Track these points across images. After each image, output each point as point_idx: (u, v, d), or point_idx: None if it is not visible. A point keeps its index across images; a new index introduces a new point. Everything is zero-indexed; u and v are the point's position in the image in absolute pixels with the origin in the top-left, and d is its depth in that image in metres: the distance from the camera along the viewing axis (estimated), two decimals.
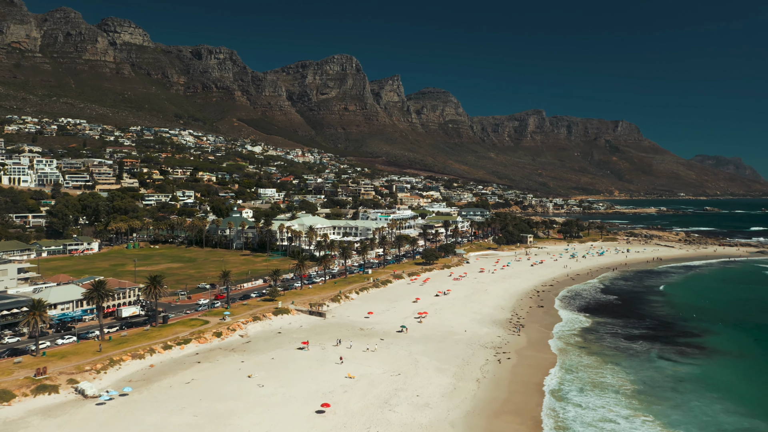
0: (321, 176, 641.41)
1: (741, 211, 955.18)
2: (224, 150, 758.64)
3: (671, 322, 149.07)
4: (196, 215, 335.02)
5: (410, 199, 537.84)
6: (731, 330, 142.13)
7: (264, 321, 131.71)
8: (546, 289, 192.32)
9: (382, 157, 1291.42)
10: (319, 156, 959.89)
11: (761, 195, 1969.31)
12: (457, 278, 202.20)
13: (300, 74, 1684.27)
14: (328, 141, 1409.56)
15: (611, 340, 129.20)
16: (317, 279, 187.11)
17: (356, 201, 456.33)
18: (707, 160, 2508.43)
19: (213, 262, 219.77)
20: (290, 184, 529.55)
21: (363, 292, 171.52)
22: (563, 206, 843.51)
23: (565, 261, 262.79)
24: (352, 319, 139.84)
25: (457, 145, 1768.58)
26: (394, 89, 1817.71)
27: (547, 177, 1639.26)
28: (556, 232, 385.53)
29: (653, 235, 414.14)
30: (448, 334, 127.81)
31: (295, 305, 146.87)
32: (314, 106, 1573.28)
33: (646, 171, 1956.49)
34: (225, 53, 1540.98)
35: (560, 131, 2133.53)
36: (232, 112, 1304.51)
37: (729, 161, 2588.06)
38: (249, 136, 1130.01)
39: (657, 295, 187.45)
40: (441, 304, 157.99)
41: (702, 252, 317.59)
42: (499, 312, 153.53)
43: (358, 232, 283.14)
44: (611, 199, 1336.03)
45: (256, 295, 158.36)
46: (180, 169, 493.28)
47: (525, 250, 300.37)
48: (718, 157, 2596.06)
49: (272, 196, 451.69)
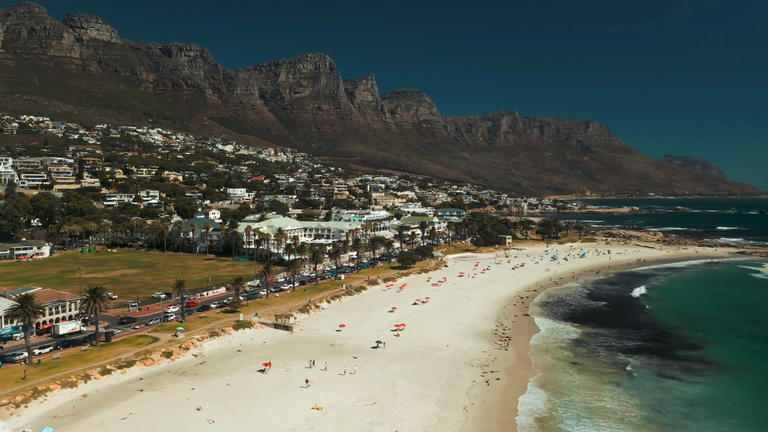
0: (293, 176, 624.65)
1: (713, 210, 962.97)
2: (194, 149, 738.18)
3: (665, 332, 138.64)
4: (160, 216, 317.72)
5: (385, 199, 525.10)
6: (730, 340, 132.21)
7: (222, 337, 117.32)
8: (530, 295, 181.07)
9: (356, 156, 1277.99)
10: (292, 155, 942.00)
11: (727, 194, 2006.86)
12: (435, 284, 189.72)
13: (273, 73, 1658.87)
14: (301, 140, 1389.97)
15: (605, 354, 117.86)
16: (285, 286, 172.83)
17: (329, 201, 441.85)
18: (675, 160, 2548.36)
19: (173, 267, 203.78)
20: (261, 184, 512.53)
21: (335, 300, 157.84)
22: (538, 206, 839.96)
23: (547, 263, 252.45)
24: (322, 332, 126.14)
25: (432, 145, 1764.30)
26: (368, 89, 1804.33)
27: (521, 177, 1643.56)
28: (534, 233, 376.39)
29: (631, 235, 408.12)
30: (428, 349, 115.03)
31: (259, 317, 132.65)
32: (287, 105, 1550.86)
33: (617, 171, 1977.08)
34: (196, 51, 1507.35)
35: (533, 131, 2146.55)
36: (203, 110, 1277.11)
37: (696, 161, 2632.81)
38: (220, 135, 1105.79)
39: (646, 300, 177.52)
40: (420, 314, 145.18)
41: (683, 253, 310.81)
42: (483, 322, 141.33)
43: (330, 234, 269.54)
44: (584, 198, 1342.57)
45: (216, 306, 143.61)
46: (145, 168, 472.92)
47: (504, 252, 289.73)
48: (686, 158, 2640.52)
49: (242, 196, 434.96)
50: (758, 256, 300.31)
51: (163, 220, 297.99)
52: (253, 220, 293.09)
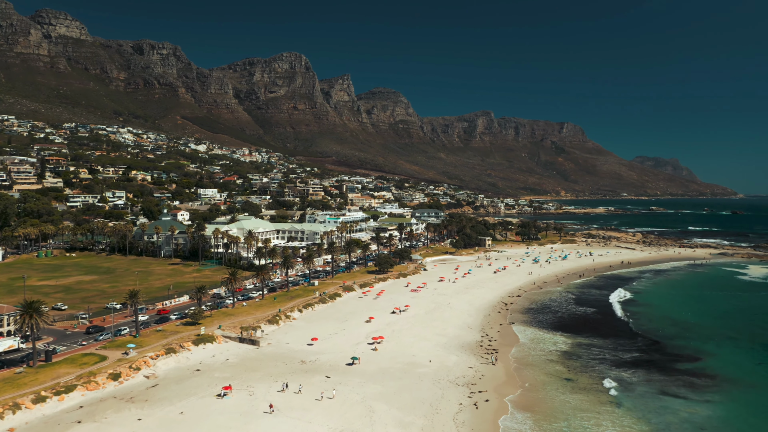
0: (268, 176, 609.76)
1: (686, 211, 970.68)
2: (166, 148, 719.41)
3: (658, 341, 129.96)
4: (125, 218, 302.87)
5: (361, 200, 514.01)
6: (728, 350, 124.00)
7: (180, 354, 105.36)
8: (514, 301, 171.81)
9: (333, 156, 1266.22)
10: (267, 155, 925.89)
11: (698, 195, 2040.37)
12: (415, 290, 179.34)
13: (248, 72, 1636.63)
14: (276, 140, 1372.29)
15: (599, 368, 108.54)
16: (254, 294, 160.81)
17: (304, 202, 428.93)
18: (647, 161, 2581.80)
19: (134, 273, 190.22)
20: (234, 184, 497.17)
21: (307, 309, 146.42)
22: (514, 206, 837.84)
23: (529, 266, 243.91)
24: (292, 347, 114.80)
25: (408, 146, 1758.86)
26: (345, 89, 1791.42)
27: (496, 177, 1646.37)
28: (514, 234, 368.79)
29: (611, 236, 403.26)
30: (409, 366, 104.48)
31: (223, 330, 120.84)
32: (262, 104, 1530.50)
33: (591, 171, 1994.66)
34: (168, 49, 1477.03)
35: (508, 132, 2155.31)
36: (175, 109, 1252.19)
37: (667, 162, 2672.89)
38: (193, 134, 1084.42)
39: (635, 306, 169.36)
40: (399, 324, 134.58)
41: (665, 254, 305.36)
42: (467, 332, 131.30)
43: (304, 237, 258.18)
44: (559, 199, 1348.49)
45: (177, 317, 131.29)
46: (112, 167, 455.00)
47: (485, 254, 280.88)
48: (657, 159, 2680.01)
49: (213, 197, 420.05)
50: (740, 258, 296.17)
51: (128, 222, 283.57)
52: (223, 222, 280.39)
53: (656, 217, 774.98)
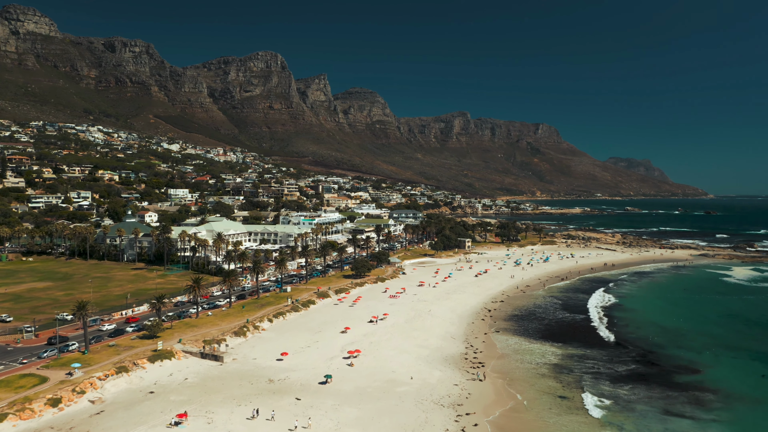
0: (242, 176, 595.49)
1: (661, 211, 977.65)
2: (137, 148, 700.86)
3: (652, 351, 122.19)
4: (90, 219, 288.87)
5: (338, 200, 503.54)
6: (727, 361, 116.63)
7: (133, 373, 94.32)
8: (498, 307, 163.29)
9: (309, 157, 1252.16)
10: (242, 155, 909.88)
11: (670, 195, 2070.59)
12: (394, 296, 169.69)
13: (222, 70, 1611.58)
14: (252, 140, 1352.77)
15: (595, 383, 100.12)
16: (221, 301, 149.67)
17: (279, 203, 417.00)
18: (620, 162, 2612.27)
19: (94, 279, 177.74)
20: (206, 184, 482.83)
21: (278, 318, 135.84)
22: (492, 207, 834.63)
23: (511, 269, 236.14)
24: (260, 363, 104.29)
25: (385, 146, 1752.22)
26: (321, 88, 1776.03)
27: (473, 178, 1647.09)
28: (494, 235, 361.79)
29: (590, 237, 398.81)
30: (389, 384, 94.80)
31: (184, 344, 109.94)
32: (237, 103, 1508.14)
33: (565, 172, 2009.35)
34: (141, 46, 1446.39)
35: (484, 133, 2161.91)
36: (148, 108, 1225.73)
37: (640, 163, 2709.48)
38: (167, 133, 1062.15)
39: (622, 312, 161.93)
40: (377, 335, 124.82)
41: (646, 256, 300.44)
42: (450, 343, 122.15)
43: (277, 239, 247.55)
44: (535, 199, 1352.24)
45: (134, 329, 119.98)
46: (78, 167, 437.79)
47: (465, 257, 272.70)
48: (630, 160, 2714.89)
49: (184, 197, 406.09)
50: (722, 259, 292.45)
51: (92, 223, 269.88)
52: (192, 224, 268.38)
53: (632, 217, 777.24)
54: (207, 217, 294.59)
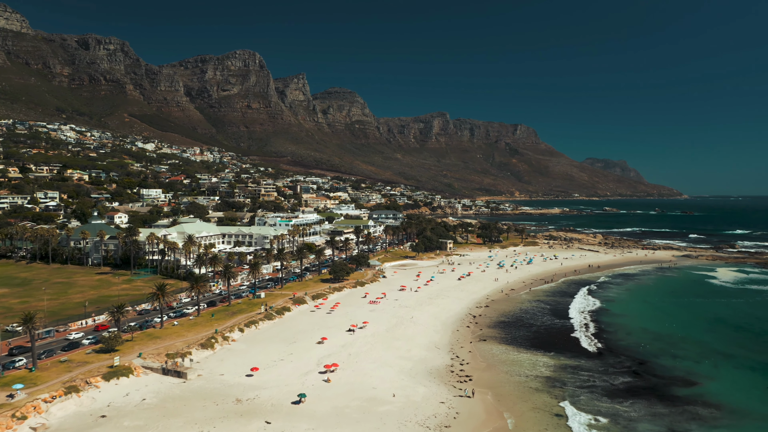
0: (218, 176, 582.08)
1: (639, 211, 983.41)
2: (111, 147, 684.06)
3: (647, 361, 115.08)
4: (56, 221, 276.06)
5: (316, 201, 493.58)
6: (727, 371, 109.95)
7: (85, 393, 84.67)
8: (482, 312, 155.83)
9: (288, 156, 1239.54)
10: (220, 155, 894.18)
11: (645, 195, 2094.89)
12: (374, 301, 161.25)
13: (200, 69, 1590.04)
14: (229, 139, 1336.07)
15: (591, 398, 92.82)
16: (190, 309, 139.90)
17: (255, 203, 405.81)
18: (597, 162, 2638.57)
19: (55, 285, 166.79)
20: (180, 184, 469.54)
21: (250, 328, 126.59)
22: (472, 207, 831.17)
23: (494, 272, 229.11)
24: (228, 379, 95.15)
25: (364, 146, 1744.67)
26: (300, 88, 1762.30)
27: (452, 178, 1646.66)
28: (475, 236, 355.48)
29: (572, 237, 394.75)
30: (369, 403, 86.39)
31: (144, 358, 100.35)
32: (215, 102, 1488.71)
33: (543, 173, 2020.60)
34: (116, 44, 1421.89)
35: (463, 133, 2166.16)
36: (123, 107, 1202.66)
37: (616, 164, 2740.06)
38: (142, 132, 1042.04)
39: (612, 317, 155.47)
40: (356, 346, 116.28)
41: (630, 257, 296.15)
42: (435, 354, 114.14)
43: (253, 241, 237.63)
44: (514, 199, 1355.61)
45: (91, 342, 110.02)
46: (46, 166, 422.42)
47: (446, 259, 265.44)
48: (606, 160, 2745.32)
49: (157, 198, 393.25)
50: (705, 260, 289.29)
51: (58, 225, 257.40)
52: (163, 225, 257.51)
53: (611, 217, 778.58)
54: (179, 218, 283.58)
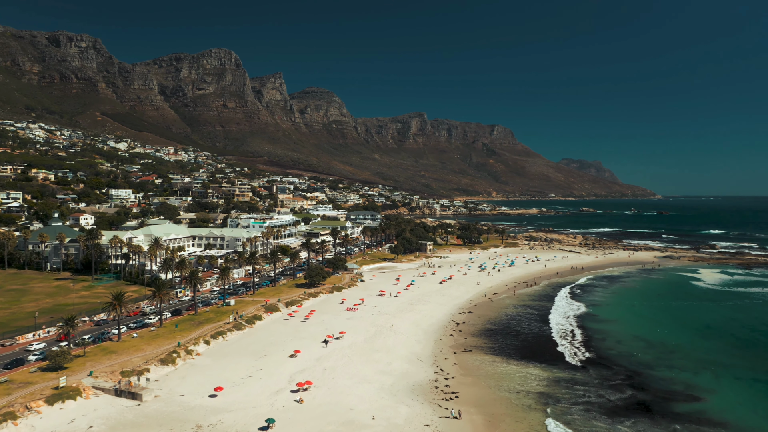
0: (191, 176, 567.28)
1: (615, 211, 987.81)
2: (81, 146, 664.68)
3: (642, 372, 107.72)
4: (18, 222, 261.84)
5: (293, 201, 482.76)
6: (728, 383, 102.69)
7: (23, 420, 74.39)
8: (466, 319, 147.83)
9: (264, 156, 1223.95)
10: (195, 154, 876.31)
11: (620, 195, 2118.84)
12: (351, 308, 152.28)
13: (174, 67, 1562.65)
14: (205, 139, 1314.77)
15: (588, 417, 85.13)
16: (152, 318, 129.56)
17: (229, 204, 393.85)
18: (572, 163, 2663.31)
19: (7, 292, 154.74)
20: (151, 184, 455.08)
21: (217, 339, 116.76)
22: (450, 207, 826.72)
23: (476, 275, 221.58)
24: (188, 401, 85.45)
25: (342, 146, 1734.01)
26: (277, 87, 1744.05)
27: (430, 178, 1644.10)
28: (455, 238, 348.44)
29: (553, 238, 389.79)
30: (346, 428, 77.27)
31: (96, 377, 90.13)
32: (190, 101, 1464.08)
33: (520, 173, 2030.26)
34: (88, 41, 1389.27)
35: (441, 134, 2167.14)
36: (95, 105, 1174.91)
37: (591, 164, 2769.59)
38: (114, 131, 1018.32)
39: (601, 323, 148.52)
40: (332, 359, 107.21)
41: (612, 258, 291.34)
42: (417, 367, 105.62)
43: (224, 244, 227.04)
44: (492, 200, 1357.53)
45: (38, 358, 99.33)
46: (10, 165, 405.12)
47: (426, 261, 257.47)
48: (582, 161, 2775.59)
49: (126, 198, 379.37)
50: (687, 261, 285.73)
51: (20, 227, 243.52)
52: (131, 227, 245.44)
53: (589, 217, 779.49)
54: (147, 219, 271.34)
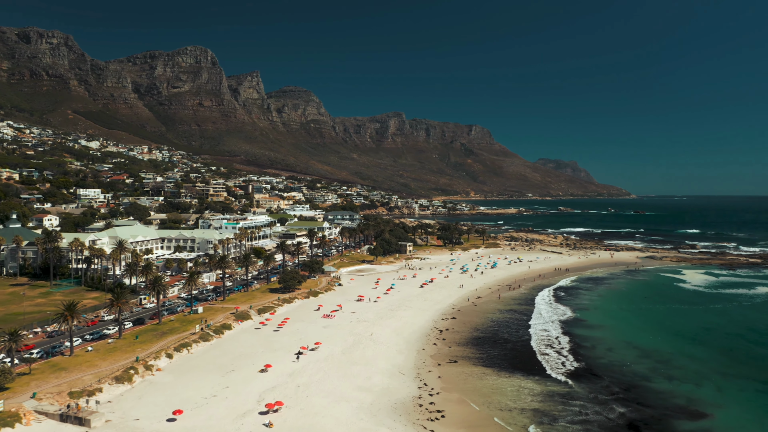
0: (164, 175, 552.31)
1: (592, 211, 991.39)
2: (51, 144, 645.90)
3: (638, 385, 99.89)
4: None
5: (269, 201, 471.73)
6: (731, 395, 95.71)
7: None
8: (450, 326, 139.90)
9: (241, 156, 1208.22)
10: (169, 153, 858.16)
11: (596, 195, 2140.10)
12: (328, 315, 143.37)
13: (149, 65, 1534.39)
14: (180, 138, 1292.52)
15: None
16: (111, 329, 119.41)
17: (203, 204, 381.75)
18: (549, 163, 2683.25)
19: None
20: (122, 184, 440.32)
21: (181, 352, 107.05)
22: (429, 207, 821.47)
23: (458, 277, 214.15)
24: (143, 426, 75.87)
25: (320, 146, 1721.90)
26: (254, 86, 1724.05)
27: (408, 178, 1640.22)
28: (435, 238, 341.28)
29: (534, 239, 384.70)
30: None
31: (40, 400, 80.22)
32: (165, 100, 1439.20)
33: (498, 173, 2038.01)
34: (59, 38, 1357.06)
35: (419, 134, 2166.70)
36: (66, 103, 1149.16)
37: (567, 164, 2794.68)
38: (86, 130, 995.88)
39: (590, 329, 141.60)
40: (306, 374, 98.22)
41: (594, 259, 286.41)
42: (399, 381, 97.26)
43: (195, 246, 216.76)
44: (470, 199, 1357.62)
45: None
46: None
47: (407, 263, 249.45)
48: (558, 161, 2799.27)
49: (95, 198, 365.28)
50: (670, 261, 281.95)
51: None
52: (97, 228, 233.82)
53: (567, 217, 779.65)
54: (114, 221, 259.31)
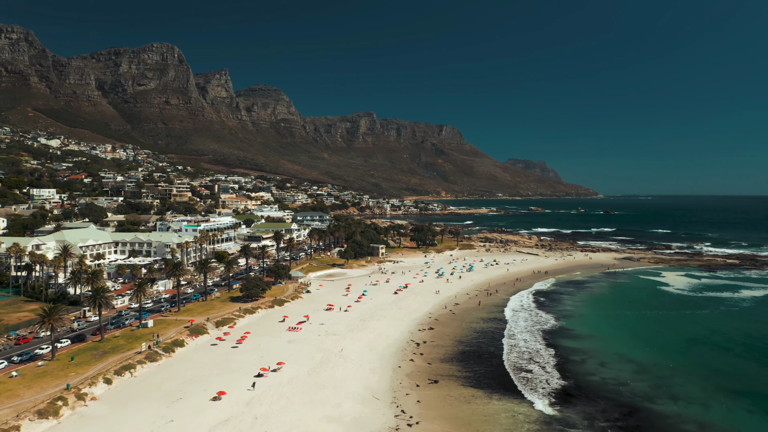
0: (126, 174, 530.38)
1: (562, 210, 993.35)
2: (8, 143, 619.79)
3: (642, 408, 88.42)
4: None
5: (236, 202, 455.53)
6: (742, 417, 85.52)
7: None
8: (427, 338, 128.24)
9: (209, 155, 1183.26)
10: (134, 152, 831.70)
11: (564, 195, 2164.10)
12: (294, 327, 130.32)
13: (113, 62, 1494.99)
14: (146, 137, 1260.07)
15: None
16: (44, 348, 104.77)
17: (164, 205, 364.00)
18: (518, 163, 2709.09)
19: None
20: (80, 184, 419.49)
21: (123, 376, 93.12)
22: (400, 207, 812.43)
23: (434, 282, 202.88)
24: None
25: (290, 145, 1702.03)
26: (222, 84, 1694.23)
27: (380, 178, 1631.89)
28: (408, 240, 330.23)
29: (508, 240, 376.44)
30: None
31: None
32: (130, 97, 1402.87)
33: (468, 173, 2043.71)
34: (19, 33, 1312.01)
35: (390, 133, 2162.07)
36: (26, 100, 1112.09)
37: (536, 165, 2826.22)
38: (47, 128, 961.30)
39: (578, 341, 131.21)
40: (266, 403, 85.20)
41: (572, 261, 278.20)
42: (373, 408, 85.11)
43: (152, 250, 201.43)
44: (441, 199, 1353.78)
45: None
46: None
47: (379, 266, 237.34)
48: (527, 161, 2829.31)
49: (50, 198, 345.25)
50: (648, 263, 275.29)
51: None
52: (46, 231, 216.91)
53: (538, 217, 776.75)
54: (67, 223, 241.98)
